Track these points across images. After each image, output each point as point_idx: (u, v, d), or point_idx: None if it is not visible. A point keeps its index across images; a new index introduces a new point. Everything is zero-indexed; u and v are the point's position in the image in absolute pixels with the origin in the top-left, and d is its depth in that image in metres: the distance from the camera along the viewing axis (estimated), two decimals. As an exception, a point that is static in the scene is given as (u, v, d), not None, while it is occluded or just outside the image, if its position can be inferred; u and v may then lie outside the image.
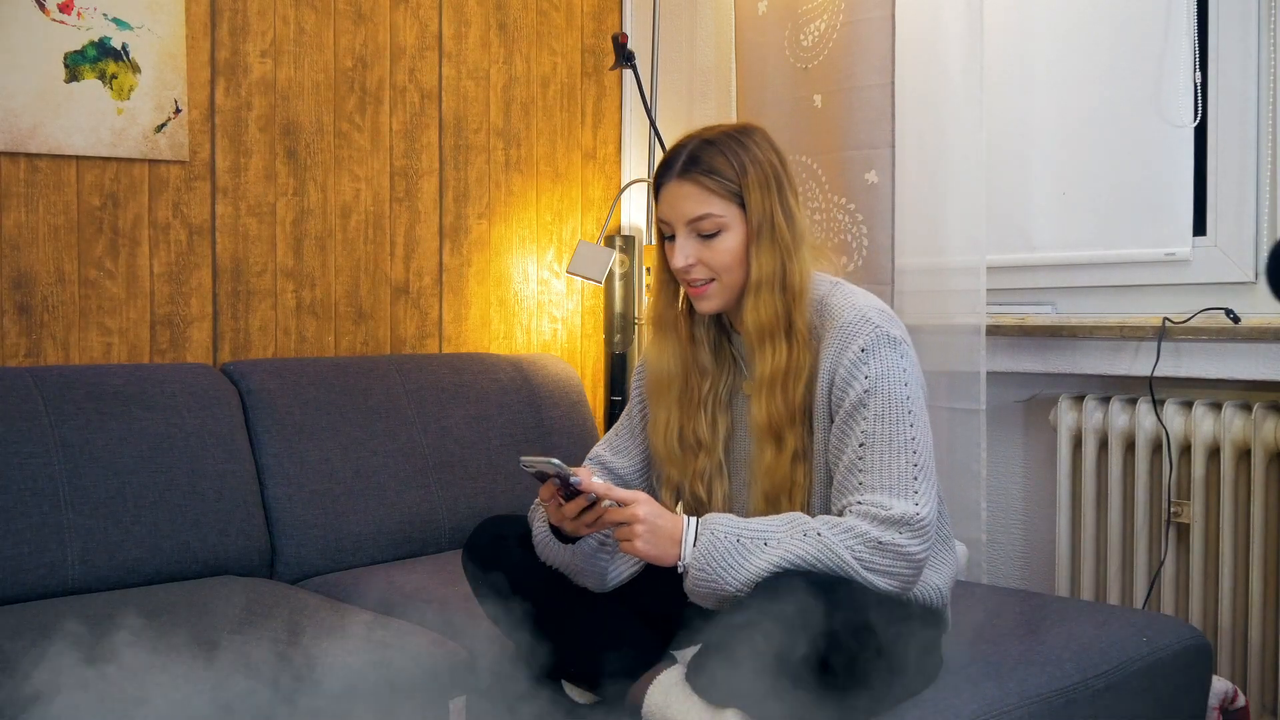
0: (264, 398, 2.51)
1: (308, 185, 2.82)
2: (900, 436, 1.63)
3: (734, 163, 1.72)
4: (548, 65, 3.25)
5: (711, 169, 1.72)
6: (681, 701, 1.64)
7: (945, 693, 1.69)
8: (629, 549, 1.61)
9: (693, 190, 1.72)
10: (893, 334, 1.68)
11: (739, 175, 1.71)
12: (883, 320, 1.69)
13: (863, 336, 1.66)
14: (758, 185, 1.72)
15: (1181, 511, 2.38)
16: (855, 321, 1.68)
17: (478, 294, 3.12)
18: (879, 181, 2.56)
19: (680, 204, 1.73)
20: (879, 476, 1.62)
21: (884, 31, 2.55)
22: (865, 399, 1.64)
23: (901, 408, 1.64)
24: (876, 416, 1.64)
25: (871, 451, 1.63)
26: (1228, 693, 2.11)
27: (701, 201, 1.71)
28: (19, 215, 2.46)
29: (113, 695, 1.62)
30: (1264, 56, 2.33)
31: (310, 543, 2.45)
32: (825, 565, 1.57)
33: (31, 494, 2.15)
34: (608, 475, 1.90)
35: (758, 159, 1.73)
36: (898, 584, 1.61)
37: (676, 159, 1.74)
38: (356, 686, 1.80)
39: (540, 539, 1.79)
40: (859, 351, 1.66)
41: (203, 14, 2.66)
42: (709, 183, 1.71)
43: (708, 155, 1.72)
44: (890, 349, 1.66)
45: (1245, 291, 2.37)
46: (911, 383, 1.66)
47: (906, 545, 1.59)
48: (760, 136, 1.77)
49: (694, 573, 1.60)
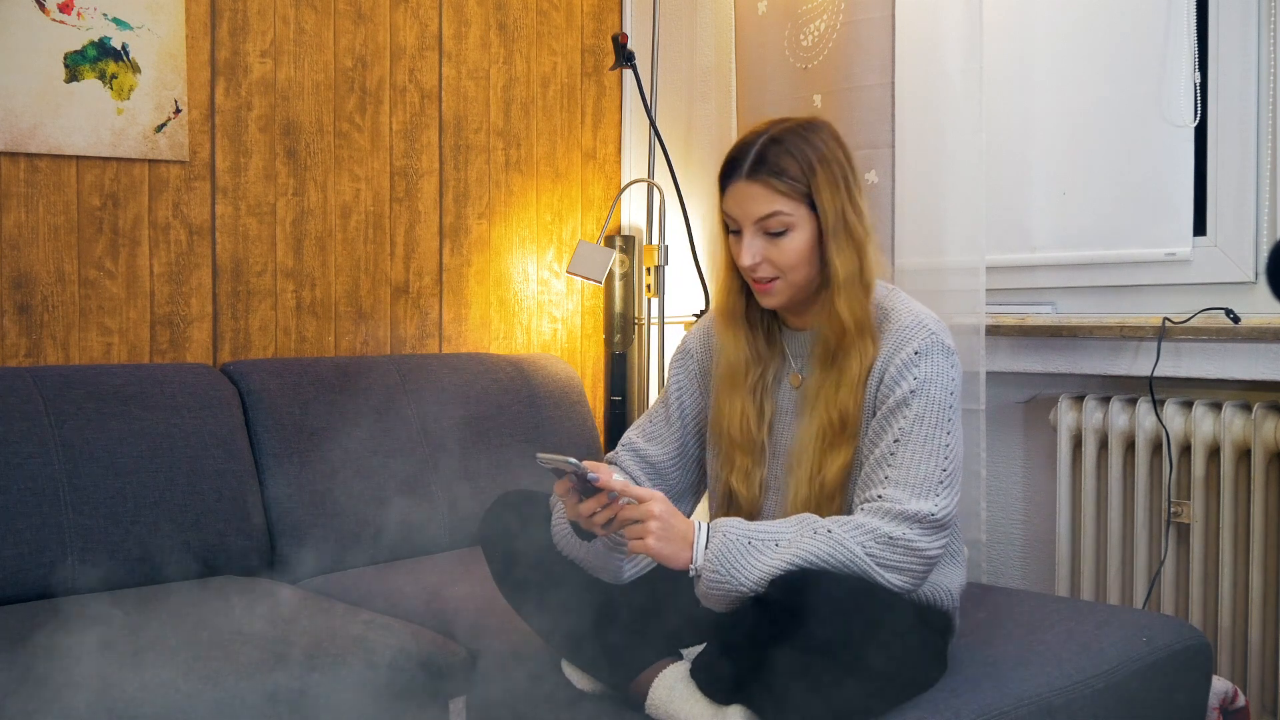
0: (264, 398, 2.51)
1: (308, 185, 2.82)
2: (936, 440, 1.65)
3: (801, 162, 1.72)
4: (548, 65, 3.25)
5: (779, 169, 1.72)
6: (685, 698, 1.64)
7: (945, 693, 1.69)
8: (640, 547, 1.60)
9: (760, 191, 1.72)
10: (946, 343, 1.72)
11: (807, 175, 1.72)
12: (938, 328, 1.73)
13: (919, 340, 1.70)
14: (827, 185, 1.72)
15: (1181, 511, 2.38)
16: (913, 325, 1.72)
17: (478, 294, 3.12)
18: (879, 181, 2.56)
19: (748, 204, 1.74)
20: (906, 473, 1.64)
21: (884, 31, 2.55)
22: (909, 399, 1.67)
23: (943, 414, 1.66)
24: (917, 417, 1.66)
25: (905, 449, 1.65)
26: (1228, 693, 2.11)
27: (769, 201, 1.72)
28: (19, 215, 2.46)
29: (112, 695, 1.62)
30: (1264, 56, 2.33)
31: (310, 543, 2.45)
32: (838, 562, 1.58)
33: (31, 494, 2.15)
34: (639, 461, 1.90)
35: (825, 157, 1.73)
36: (908, 580, 1.62)
37: (744, 158, 1.74)
38: (356, 686, 1.80)
39: (559, 532, 1.79)
40: (912, 354, 1.69)
41: (203, 14, 2.66)
42: (777, 183, 1.71)
43: (775, 155, 1.72)
44: (943, 356, 1.70)
45: (1245, 291, 2.37)
46: (956, 392, 1.70)
47: (917, 540, 1.60)
48: (828, 133, 1.77)
49: (707, 574, 1.60)
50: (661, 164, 3.00)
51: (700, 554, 1.61)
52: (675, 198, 2.99)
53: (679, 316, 3.23)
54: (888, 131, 2.55)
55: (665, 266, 3.12)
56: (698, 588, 1.62)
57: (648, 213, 3.19)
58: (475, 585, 2.25)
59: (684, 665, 1.69)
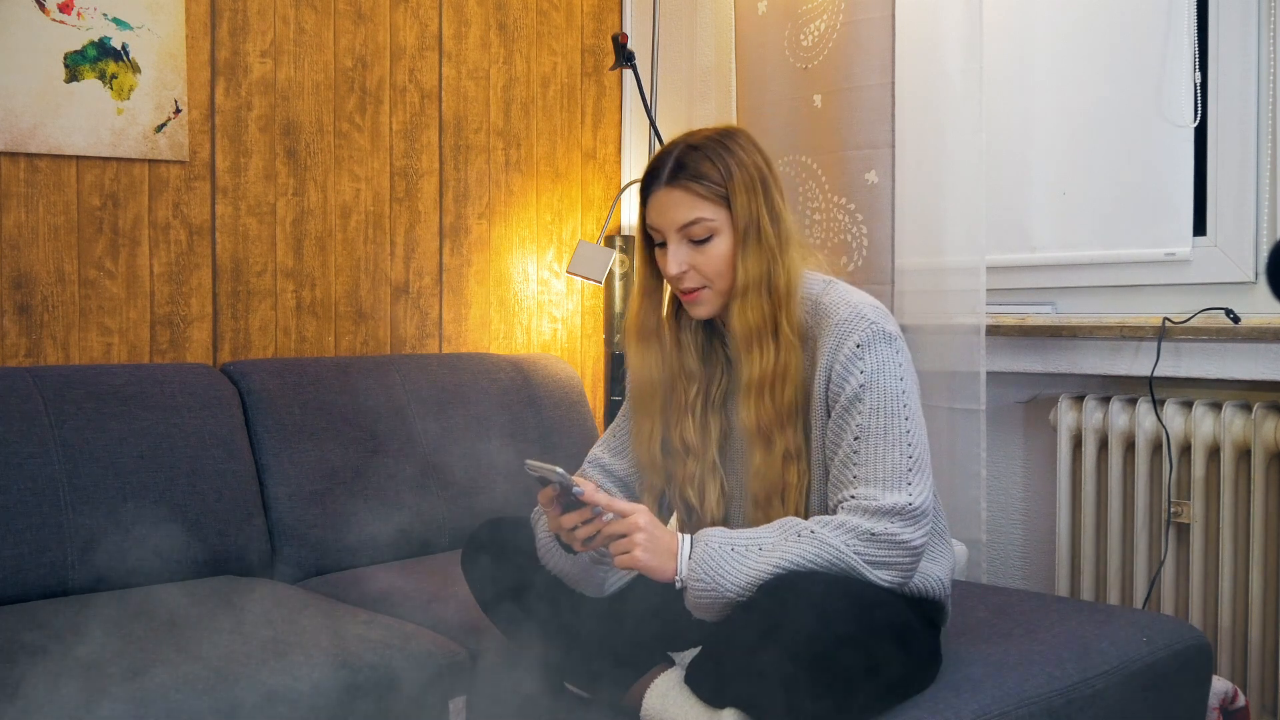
0: (264, 398, 2.51)
1: (308, 185, 2.82)
2: (895, 430, 1.64)
3: (720, 167, 1.71)
4: (548, 65, 3.25)
5: (699, 174, 1.70)
6: (680, 704, 1.64)
7: (945, 693, 1.68)
8: (628, 561, 1.60)
9: (682, 196, 1.71)
10: (888, 330, 1.68)
11: (725, 179, 1.71)
12: (877, 316, 1.69)
13: (858, 333, 1.67)
14: (743, 188, 1.71)
15: (1181, 511, 2.38)
16: (850, 318, 1.68)
17: (478, 294, 3.12)
18: (879, 181, 2.56)
19: (670, 211, 1.72)
20: (873, 469, 1.63)
21: (884, 31, 2.55)
22: (861, 393, 1.65)
23: (897, 402, 1.65)
24: (872, 410, 1.64)
25: (866, 445, 1.64)
26: (1228, 693, 2.11)
27: (691, 207, 1.71)
28: (19, 215, 2.46)
29: (112, 695, 1.62)
30: (1264, 56, 2.33)
31: (310, 543, 2.45)
32: (824, 562, 1.58)
33: (31, 494, 2.15)
34: (607, 476, 1.90)
35: (743, 161, 1.72)
36: (898, 575, 1.61)
37: (663, 166, 1.73)
38: (356, 686, 1.80)
39: (544, 544, 1.79)
40: (855, 347, 1.66)
41: (203, 14, 2.66)
42: (697, 188, 1.70)
43: (694, 161, 1.71)
44: (885, 344, 1.67)
45: (1245, 291, 2.37)
46: (906, 377, 1.67)
47: (900, 533, 1.60)
48: (744, 139, 1.76)
49: (692, 583, 1.60)
50: (661, 164, 2.99)
51: (684, 564, 1.61)
52: (675, 198, 2.98)
53: (679, 316, 3.23)
54: (888, 131, 2.55)
55: (665, 266, 3.11)
56: (686, 599, 1.62)
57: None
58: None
59: (677, 671, 1.69)
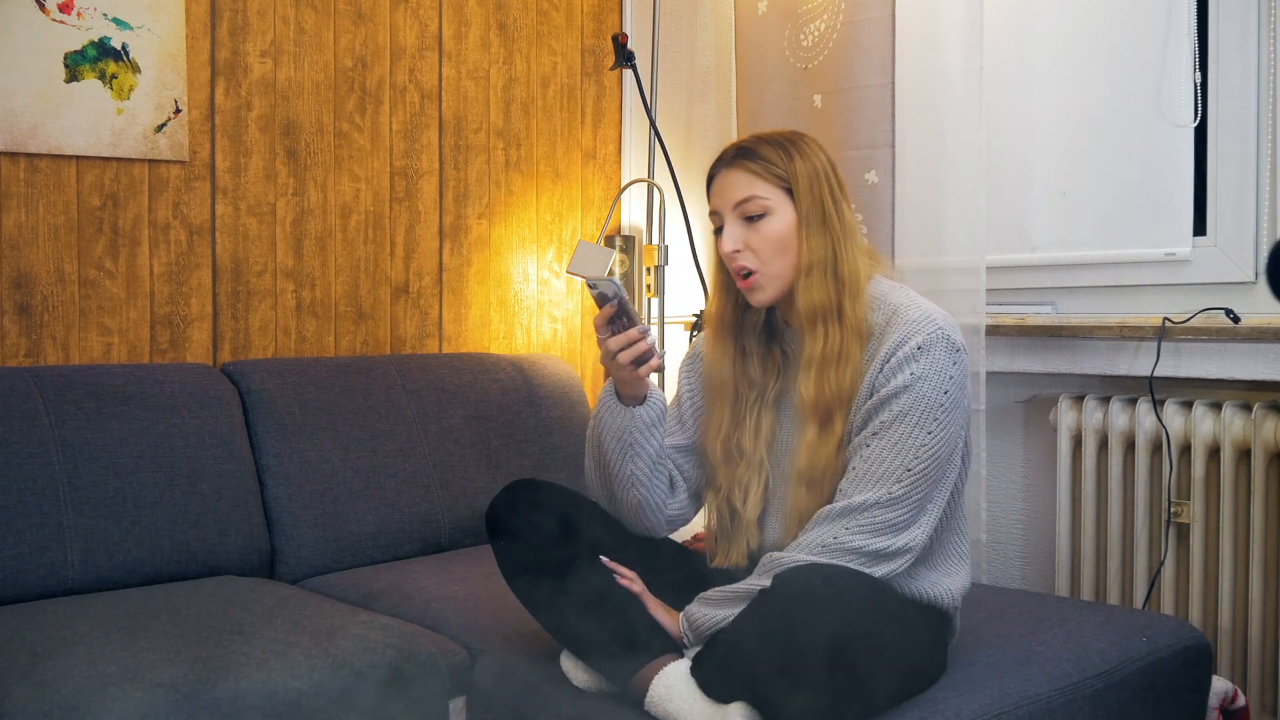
0: (264, 398, 2.51)
1: (308, 185, 2.82)
2: (911, 439, 1.64)
3: (781, 152, 1.78)
4: (548, 65, 3.25)
5: (759, 155, 1.78)
6: (685, 696, 1.64)
7: (945, 692, 1.69)
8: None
9: (740, 175, 1.78)
10: (954, 339, 1.69)
11: (786, 163, 1.77)
12: (947, 325, 1.70)
13: (924, 333, 1.67)
14: (806, 174, 1.77)
15: (1181, 511, 2.38)
16: (921, 319, 1.69)
17: (478, 294, 3.12)
18: (879, 181, 2.56)
19: (727, 190, 1.79)
20: (869, 466, 1.65)
21: (884, 31, 2.55)
22: (899, 393, 1.65)
23: (929, 414, 1.64)
24: (900, 414, 1.65)
25: (878, 441, 1.65)
26: (1228, 693, 2.11)
27: (748, 185, 1.77)
28: (19, 215, 2.46)
29: (112, 696, 1.62)
30: (1264, 56, 2.33)
31: (310, 543, 2.45)
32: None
33: (31, 494, 2.15)
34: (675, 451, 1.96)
35: (806, 154, 1.79)
36: (885, 565, 1.64)
37: (728, 152, 1.82)
38: (356, 686, 1.80)
39: (604, 403, 1.85)
40: (915, 347, 1.67)
41: (203, 14, 2.66)
42: (755, 167, 1.77)
43: (756, 145, 1.80)
44: (946, 352, 1.67)
45: (1245, 291, 2.37)
46: (952, 391, 1.66)
47: (852, 540, 1.63)
48: (811, 140, 1.83)
49: (692, 619, 1.72)
50: (661, 164, 3.00)
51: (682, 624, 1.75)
52: (675, 198, 2.99)
53: (679, 316, 3.23)
54: (888, 131, 2.55)
55: (665, 266, 3.12)
56: (687, 632, 1.74)
57: (647, 213, 3.19)
58: (475, 585, 2.25)
59: (685, 663, 1.70)
